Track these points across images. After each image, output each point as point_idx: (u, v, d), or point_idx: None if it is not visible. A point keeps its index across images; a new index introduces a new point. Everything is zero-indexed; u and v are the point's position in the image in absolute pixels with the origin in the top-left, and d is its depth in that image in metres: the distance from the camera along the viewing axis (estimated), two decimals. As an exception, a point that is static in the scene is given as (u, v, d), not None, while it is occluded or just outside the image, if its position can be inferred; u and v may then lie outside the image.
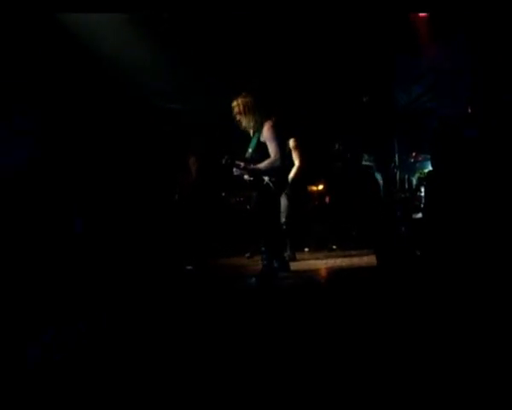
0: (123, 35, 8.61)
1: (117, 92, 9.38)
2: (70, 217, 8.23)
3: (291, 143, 7.50)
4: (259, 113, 5.78)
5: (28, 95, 7.48)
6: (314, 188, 9.80)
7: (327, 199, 9.54)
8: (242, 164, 5.77)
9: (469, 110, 6.44)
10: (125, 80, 9.16)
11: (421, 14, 9.71)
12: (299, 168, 7.56)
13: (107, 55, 8.53)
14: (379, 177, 8.55)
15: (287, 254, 7.15)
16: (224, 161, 6.01)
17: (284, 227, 7.55)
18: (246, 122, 5.81)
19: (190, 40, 9.49)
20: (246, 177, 5.83)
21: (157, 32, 9.06)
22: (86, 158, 8.91)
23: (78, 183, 8.56)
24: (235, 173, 5.94)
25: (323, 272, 6.44)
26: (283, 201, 7.10)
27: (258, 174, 5.72)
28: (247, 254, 7.56)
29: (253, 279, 5.43)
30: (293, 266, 6.48)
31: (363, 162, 8.86)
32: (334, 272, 6.23)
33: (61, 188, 7.90)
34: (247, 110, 5.77)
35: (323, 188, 9.64)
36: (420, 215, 6.70)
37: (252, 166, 5.73)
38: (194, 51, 9.45)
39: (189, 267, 6.72)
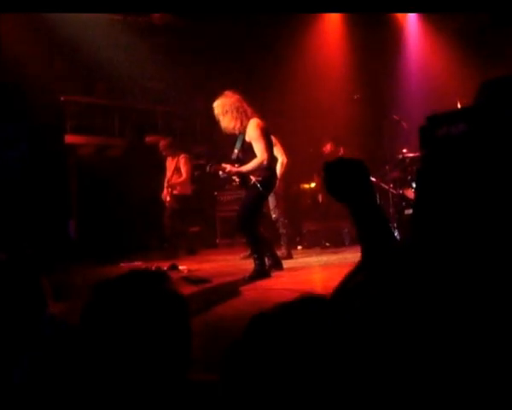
0: (113, 35, 8.59)
1: (107, 92, 9.37)
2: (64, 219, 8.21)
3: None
4: (241, 113, 5.68)
5: (16, 101, 7.47)
6: (307, 186, 9.81)
7: (320, 197, 9.55)
8: (228, 167, 5.71)
9: (459, 105, 6.47)
10: (114, 79, 9.15)
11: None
12: (285, 164, 7.54)
13: (97, 54, 8.51)
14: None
15: (281, 252, 7.14)
16: (208, 169, 6.01)
17: (277, 224, 7.54)
18: (225, 123, 5.70)
19: (183, 39, 9.49)
20: (234, 177, 5.82)
21: (148, 32, 9.06)
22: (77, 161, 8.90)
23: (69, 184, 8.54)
24: (222, 176, 5.93)
25: (317, 270, 6.45)
26: (271, 198, 7.07)
27: (244, 175, 5.69)
28: (242, 255, 7.51)
29: (246, 278, 5.43)
30: (287, 263, 6.49)
31: None
32: (327, 269, 6.25)
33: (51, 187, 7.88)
34: (225, 111, 5.67)
35: (316, 185, 9.64)
36: (411, 211, 6.72)
37: (237, 167, 5.68)
38: (187, 50, 9.45)
39: (182, 267, 6.71)
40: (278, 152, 7.25)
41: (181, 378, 1.21)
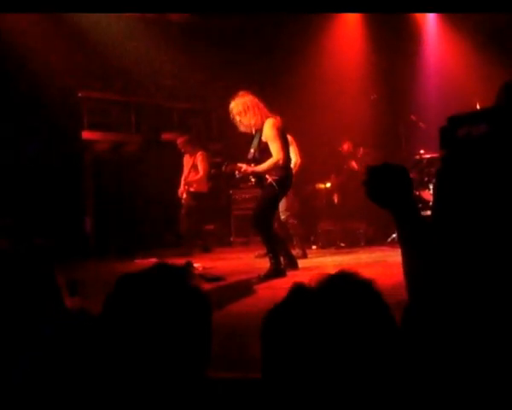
0: (130, 32, 8.62)
1: (124, 88, 9.40)
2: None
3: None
4: (260, 110, 5.66)
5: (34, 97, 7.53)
6: (322, 185, 9.77)
7: (335, 197, 9.51)
8: (244, 166, 5.69)
9: (478, 106, 6.42)
10: (131, 76, 9.18)
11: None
12: (299, 165, 7.47)
13: (114, 51, 8.55)
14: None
15: (296, 251, 7.10)
16: (223, 168, 6.00)
17: (287, 226, 7.47)
18: (246, 121, 5.66)
19: (200, 36, 9.49)
20: (250, 177, 5.81)
21: (165, 29, 9.08)
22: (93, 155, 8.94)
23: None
24: (238, 176, 5.90)
25: (331, 270, 6.42)
26: (282, 200, 6.99)
27: (260, 175, 5.67)
28: (257, 254, 7.47)
29: (261, 277, 5.41)
30: (302, 263, 6.47)
31: None
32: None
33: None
34: (246, 109, 5.63)
35: (332, 185, 9.61)
36: (429, 213, 6.67)
37: (253, 167, 5.67)
38: (204, 47, 9.45)
39: (196, 265, 6.71)
40: (293, 152, 7.20)
41: (199, 376, 1.20)
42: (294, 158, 7.34)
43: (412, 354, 0.99)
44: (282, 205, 7.20)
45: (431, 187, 7.22)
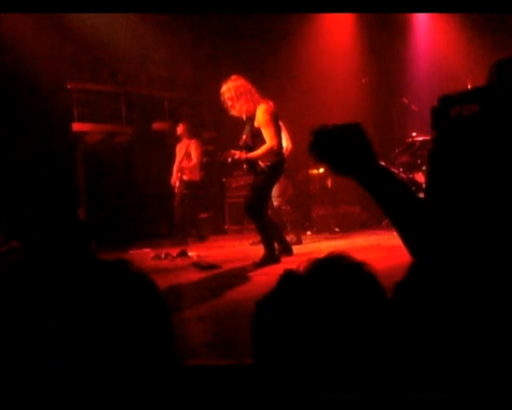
0: (120, 21, 8.55)
1: (114, 79, 9.35)
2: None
3: None
4: (251, 97, 5.61)
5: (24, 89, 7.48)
6: (315, 171, 9.77)
7: (328, 182, 9.51)
8: (237, 153, 5.66)
9: (469, 86, 6.41)
10: (121, 66, 9.13)
11: None
12: (290, 150, 7.44)
13: (103, 41, 8.49)
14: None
15: (290, 237, 7.10)
16: (219, 156, 5.97)
17: (280, 211, 7.45)
18: (239, 107, 5.59)
19: (191, 25, 9.43)
20: (243, 163, 5.78)
21: (155, 18, 9.02)
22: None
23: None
24: (231, 162, 5.86)
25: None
26: (275, 186, 6.97)
27: (253, 161, 5.63)
28: (252, 241, 7.48)
29: (255, 264, 5.41)
30: (297, 249, 6.48)
31: None
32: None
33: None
34: (239, 94, 5.56)
35: (325, 170, 9.60)
36: (422, 195, 6.67)
37: (246, 153, 5.63)
38: (195, 36, 9.40)
39: (191, 253, 6.72)
40: (284, 138, 7.18)
41: (172, 365, 1.15)
42: (285, 144, 7.32)
43: (405, 333, 0.99)
44: (274, 191, 7.18)
45: (424, 169, 7.23)
